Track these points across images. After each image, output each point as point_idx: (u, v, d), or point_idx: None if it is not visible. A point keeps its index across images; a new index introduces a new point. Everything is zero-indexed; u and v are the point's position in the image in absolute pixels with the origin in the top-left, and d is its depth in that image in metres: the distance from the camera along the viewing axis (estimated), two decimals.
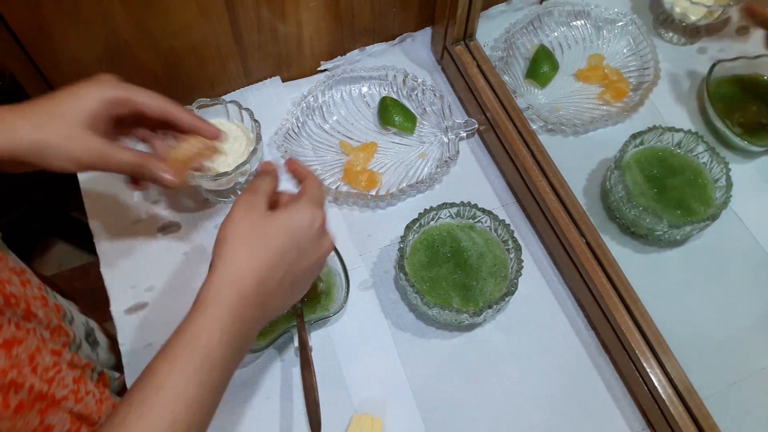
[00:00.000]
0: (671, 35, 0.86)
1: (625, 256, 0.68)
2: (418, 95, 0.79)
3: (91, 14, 0.61)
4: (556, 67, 0.81)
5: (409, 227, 0.64)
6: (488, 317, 0.65)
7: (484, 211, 0.65)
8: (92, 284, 0.70)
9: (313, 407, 0.57)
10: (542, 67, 0.79)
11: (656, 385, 0.57)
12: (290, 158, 0.54)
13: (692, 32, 0.85)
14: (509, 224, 0.65)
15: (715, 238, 0.70)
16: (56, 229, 1.47)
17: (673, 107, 0.80)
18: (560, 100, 0.80)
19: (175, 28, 0.67)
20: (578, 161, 0.75)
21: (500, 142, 0.72)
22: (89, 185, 0.72)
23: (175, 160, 0.56)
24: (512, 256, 0.64)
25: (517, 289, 0.61)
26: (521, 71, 0.81)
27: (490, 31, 0.82)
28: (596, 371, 0.64)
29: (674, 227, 0.65)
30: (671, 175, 0.70)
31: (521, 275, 0.62)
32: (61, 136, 0.49)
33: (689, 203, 0.69)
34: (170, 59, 0.71)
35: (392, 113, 0.76)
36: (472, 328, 0.66)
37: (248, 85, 0.80)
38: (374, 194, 0.72)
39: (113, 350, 0.69)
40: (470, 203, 0.66)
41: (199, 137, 0.57)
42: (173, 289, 0.67)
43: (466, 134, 0.77)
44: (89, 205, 0.71)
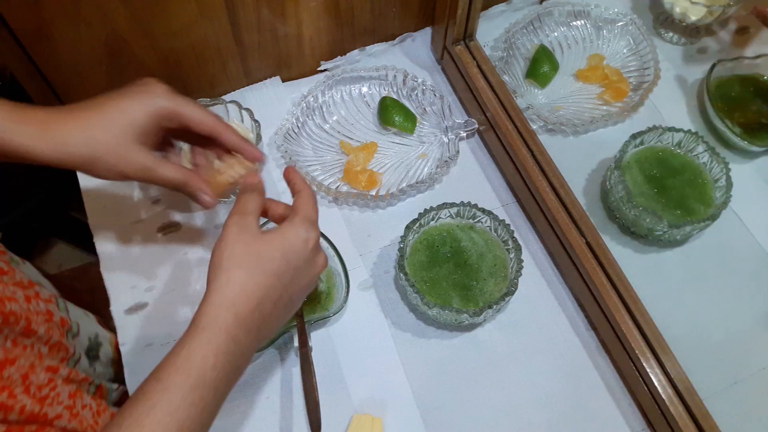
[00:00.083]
0: (671, 35, 0.86)
1: (625, 256, 0.68)
2: (418, 95, 0.79)
3: (91, 14, 0.61)
4: (556, 67, 0.81)
5: (409, 227, 0.64)
6: (488, 317, 0.65)
7: (484, 211, 0.65)
8: (92, 284, 0.70)
9: (313, 407, 0.57)
10: (542, 67, 0.79)
11: (656, 385, 0.57)
12: (289, 166, 0.54)
13: (692, 32, 0.85)
14: (509, 224, 0.65)
15: (715, 238, 0.70)
16: (56, 229, 1.47)
17: (673, 107, 0.80)
18: (560, 100, 0.80)
19: (175, 28, 0.67)
20: (578, 161, 0.75)
21: (500, 142, 0.72)
22: (89, 185, 0.72)
23: (217, 184, 0.57)
24: (512, 256, 0.64)
25: (517, 289, 0.61)
26: (521, 71, 0.81)
27: (490, 31, 0.82)
28: (596, 371, 0.64)
29: (674, 227, 0.65)
30: (671, 175, 0.70)
31: (521, 275, 0.62)
32: (110, 151, 0.49)
33: (689, 203, 0.69)
34: (170, 59, 0.71)
35: (392, 113, 0.76)
36: (472, 328, 0.66)
37: (248, 85, 0.80)
38: (374, 194, 0.72)
39: (113, 364, 0.69)
40: (470, 203, 0.66)
41: (241, 161, 0.57)
42: (173, 289, 0.67)
43: (466, 134, 0.77)
44: (89, 205, 0.71)
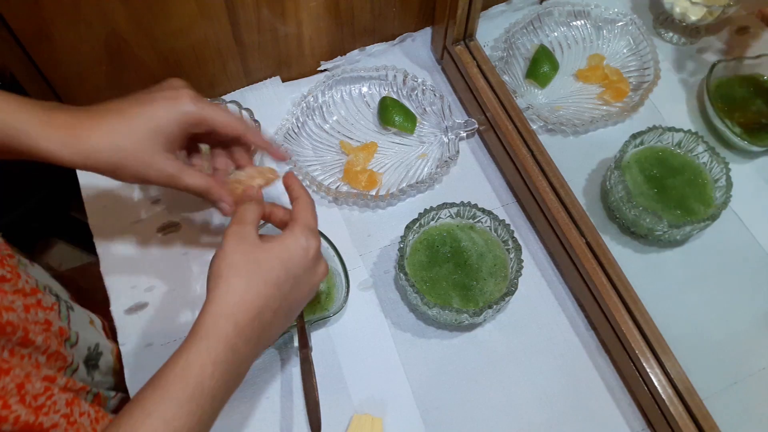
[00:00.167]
0: (671, 35, 0.86)
1: (625, 256, 0.68)
2: (418, 95, 0.79)
3: (91, 14, 0.61)
4: (556, 67, 0.81)
5: (409, 227, 0.64)
6: (488, 317, 0.65)
7: (484, 211, 0.65)
8: (92, 284, 0.70)
9: (313, 407, 0.57)
10: (542, 67, 0.79)
11: (656, 385, 0.57)
12: (289, 172, 0.55)
13: (692, 32, 0.85)
14: (509, 224, 0.65)
15: (715, 238, 0.70)
16: (56, 229, 1.47)
17: (673, 107, 0.80)
18: (560, 100, 0.80)
19: (175, 28, 0.67)
20: (578, 161, 0.75)
21: (500, 142, 0.72)
22: (89, 185, 0.72)
23: (235, 191, 0.57)
24: (512, 256, 0.64)
25: (517, 289, 0.61)
26: (521, 71, 0.81)
27: (490, 31, 0.82)
28: (596, 371, 0.64)
29: (674, 227, 0.65)
30: (671, 175, 0.70)
31: (521, 275, 0.62)
32: (136, 159, 0.50)
33: (689, 203, 0.69)
34: (170, 59, 0.71)
35: (392, 113, 0.76)
36: (472, 328, 0.66)
37: (248, 85, 0.80)
38: (374, 194, 0.72)
39: (114, 374, 0.69)
40: (470, 203, 0.66)
41: (261, 171, 0.58)
42: (173, 289, 0.67)
43: (466, 134, 0.77)
44: (89, 205, 0.71)
